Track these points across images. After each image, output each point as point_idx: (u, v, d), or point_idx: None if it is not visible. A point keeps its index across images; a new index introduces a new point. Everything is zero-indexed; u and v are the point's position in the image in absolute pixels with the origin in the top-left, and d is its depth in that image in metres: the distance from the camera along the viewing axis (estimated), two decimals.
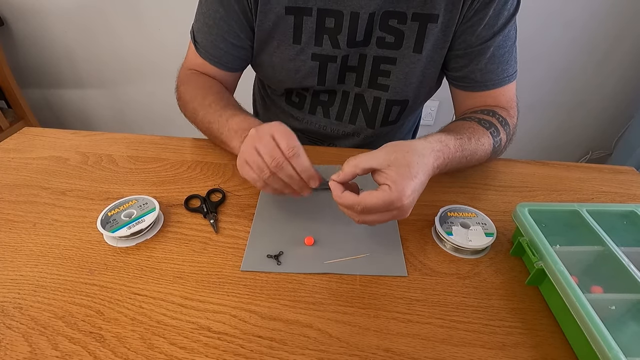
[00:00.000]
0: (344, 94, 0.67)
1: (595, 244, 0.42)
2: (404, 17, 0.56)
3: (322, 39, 0.59)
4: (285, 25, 0.58)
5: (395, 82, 0.63)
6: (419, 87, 0.64)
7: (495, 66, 0.58)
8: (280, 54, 0.62)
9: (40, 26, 1.51)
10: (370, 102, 0.67)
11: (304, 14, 0.57)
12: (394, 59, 0.60)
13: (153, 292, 0.40)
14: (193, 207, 0.52)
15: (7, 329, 0.36)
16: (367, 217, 0.41)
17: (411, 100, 0.66)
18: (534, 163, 0.64)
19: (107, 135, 0.68)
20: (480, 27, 0.55)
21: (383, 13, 0.56)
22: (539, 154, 1.71)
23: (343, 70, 0.63)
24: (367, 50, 0.60)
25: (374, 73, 0.63)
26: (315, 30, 0.58)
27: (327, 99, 0.68)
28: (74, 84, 1.70)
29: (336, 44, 0.59)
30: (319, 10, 0.56)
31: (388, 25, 0.57)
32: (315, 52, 0.60)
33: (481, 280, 0.43)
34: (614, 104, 1.56)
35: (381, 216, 0.41)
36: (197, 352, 0.35)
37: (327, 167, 0.60)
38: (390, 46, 0.59)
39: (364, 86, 0.65)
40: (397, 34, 0.58)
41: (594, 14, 1.33)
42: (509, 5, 0.55)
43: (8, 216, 0.50)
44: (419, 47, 0.58)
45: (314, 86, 0.65)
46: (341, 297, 0.40)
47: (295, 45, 0.60)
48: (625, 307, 0.37)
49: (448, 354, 0.36)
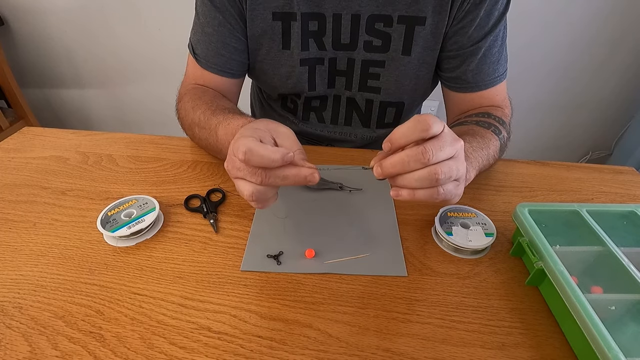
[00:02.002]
0: (335, 98, 0.67)
1: (595, 244, 0.42)
2: (390, 20, 0.56)
3: (308, 42, 0.59)
4: (273, 31, 0.58)
5: (387, 84, 0.63)
6: (414, 88, 0.64)
7: (487, 66, 0.59)
8: (271, 61, 0.62)
9: (40, 26, 1.51)
10: (362, 105, 0.67)
11: (291, 19, 0.57)
12: (382, 62, 0.60)
13: (153, 292, 0.40)
14: (193, 207, 0.52)
15: (7, 329, 0.36)
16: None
17: (407, 102, 0.66)
18: (534, 163, 0.64)
19: (107, 135, 0.68)
20: (472, 29, 0.56)
21: (369, 17, 0.56)
22: (539, 154, 1.71)
23: (332, 74, 0.63)
24: (354, 55, 0.60)
25: (364, 76, 0.63)
26: (300, 35, 0.58)
27: (319, 105, 0.68)
28: (74, 84, 1.70)
29: (322, 45, 0.59)
30: (302, 14, 0.56)
31: (374, 28, 0.57)
32: (303, 57, 0.60)
33: (481, 280, 0.43)
34: (614, 105, 1.56)
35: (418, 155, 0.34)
36: (197, 352, 0.35)
37: (327, 167, 0.60)
38: (378, 49, 0.59)
39: (354, 90, 0.65)
40: (384, 37, 0.58)
41: (595, 16, 1.33)
42: (499, 5, 0.55)
43: (8, 216, 0.50)
44: (407, 50, 0.59)
45: (306, 92, 0.65)
46: (341, 297, 0.40)
47: (285, 51, 0.60)
48: (625, 307, 0.37)
49: (448, 354, 0.35)
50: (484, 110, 0.59)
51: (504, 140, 0.56)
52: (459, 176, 0.37)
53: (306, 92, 0.65)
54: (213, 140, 0.52)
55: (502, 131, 0.55)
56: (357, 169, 0.60)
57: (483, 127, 0.54)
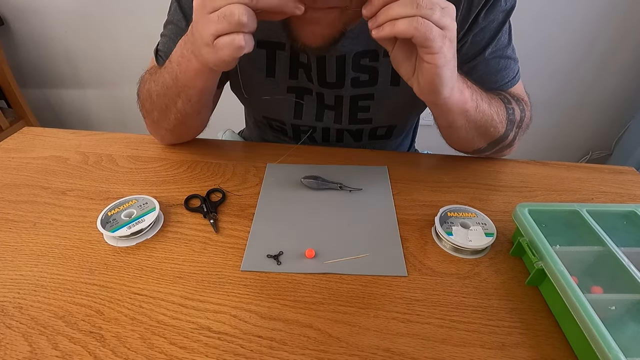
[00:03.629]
0: (324, 130, 0.66)
1: (595, 244, 0.42)
2: (376, 55, 0.55)
3: (298, 72, 0.58)
4: (258, 58, 0.57)
5: (377, 115, 0.62)
6: (407, 113, 0.63)
7: (492, 76, 0.57)
8: (256, 85, 0.60)
9: (40, 26, 1.51)
10: (353, 131, 0.66)
11: (277, 48, 0.56)
12: (371, 94, 0.59)
13: (153, 292, 0.40)
14: (193, 207, 0.52)
15: (7, 329, 0.36)
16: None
17: (400, 124, 0.66)
18: (534, 163, 0.64)
19: (107, 135, 0.68)
20: (466, 46, 0.54)
21: (354, 55, 0.55)
22: (539, 154, 1.71)
23: (321, 108, 0.62)
24: (342, 92, 0.59)
25: (353, 110, 0.61)
26: (289, 64, 0.57)
27: (308, 130, 0.67)
28: (74, 84, 1.70)
29: (310, 79, 0.58)
30: (292, 45, 0.55)
31: (360, 64, 0.56)
32: (291, 85, 0.59)
33: (481, 280, 0.43)
34: (614, 105, 1.56)
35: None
36: (197, 352, 0.35)
37: (326, 167, 0.60)
38: (366, 84, 0.58)
39: (344, 123, 0.63)
40: (371, 72, 0.57)
41: (595, 16, 1.33)
42: (495, 23, 0.53)
43: (8, 216, 0.50)
44: (395, 81, 0.57)
45: (291, 120, 0.64)
46: (341, 297, 0.40)
47: (269, 79, 0.59)
48: (625, 307, 0.37)
49: (447, 354, 0.36)
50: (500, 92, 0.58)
51: (512, 112, 0.54)
52: (443, 8, 0.37)
53: (292, 119, 0.64)
54: (169, 78, 0.50)
55: (513, 103, 0.54)
56: (356, 169, 0.60)
57: (492, 93, 0.53)
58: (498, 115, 0.53)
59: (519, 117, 0.56)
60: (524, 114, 0.57)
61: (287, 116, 0.63)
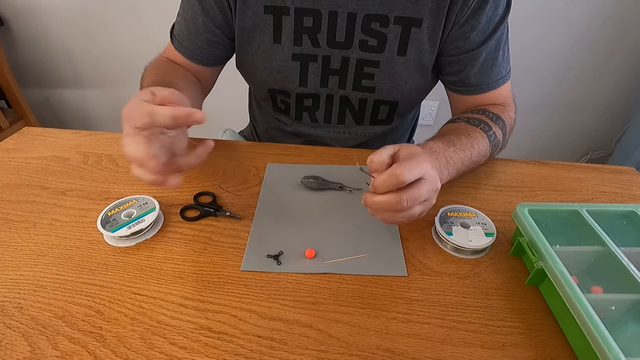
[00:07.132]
0: (328, 97, 0.67)
1: (595, 244, 0.42)
2: (386, 20, 0.56)
3: (302, 38, 0.59)
4: (264, 24, 0.59)
5: (381, 84, 0.63)
6: (409, 90, 0.64)
7: (489, 69, 0.59)
8: (262, 54, 0.62)
9: (40, 26, 1.51)
10: (356, 103, 0.67)
11: (282, 13, 0.57)
12: (377, 62, 0.60)
13: (153, 292, 0.40)
14: (194, 212, 0.52)
15: (7, 329, 0.36)
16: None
17: (401, 102, 0.66)
18: (534, 163, 0.64)
19: (107, 135, 0.68)
20: (473, 34, 0.56)
21: (365, 16, 0.56)
22: (539, 154, 1.71)
23: (325, 73, 0.63)
24: (349, 53, 0.60)
25: (358, 75, 0.63)
26: (294, 30, 0.58)
27: (312, 104, 0.68)
28: (74, 84, 1.70)
29: (316, 43, 0.59)
30: (296, 9, 0.56)
31: (370, 28, 0.57)
32: (295, 52, 0.60)
33: (481, 280, 0.43)
34: (614, 105, 1.56)
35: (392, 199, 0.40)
36: (197, 352, 0.35)
37: (326, 167, 0.60)
38: (373, 49, 0.59)
39: (348, 89, 0.65)
40: (380, 37, 0.58)
41: (595, 16, 1.33)
42: (499, 9, 0.55)
43: (8, 216, 0.50)
44: (402, 51, 0.59)
45: (296, 88, 0.65)
46: (341, 297, 0.40)
47: (276, 45, 0.60)
48: (625, 307, 0.37)
49: (448, 353, 0.36)
50: (481, 107, 0.60)
51: (494, 137, 0.55)
52: (424, 201, 0.41)
53: (297, 87, 0.65)
54: None
55: (493, 128, 0.55)
56: (356, 168, 0.60)
57: (472, 125, 0.55)
58: (483, 154, 0.55)
59: (501, 137, 0.58)
60: (505, 129, 0.58)
61: (293, 84, 0.64)
